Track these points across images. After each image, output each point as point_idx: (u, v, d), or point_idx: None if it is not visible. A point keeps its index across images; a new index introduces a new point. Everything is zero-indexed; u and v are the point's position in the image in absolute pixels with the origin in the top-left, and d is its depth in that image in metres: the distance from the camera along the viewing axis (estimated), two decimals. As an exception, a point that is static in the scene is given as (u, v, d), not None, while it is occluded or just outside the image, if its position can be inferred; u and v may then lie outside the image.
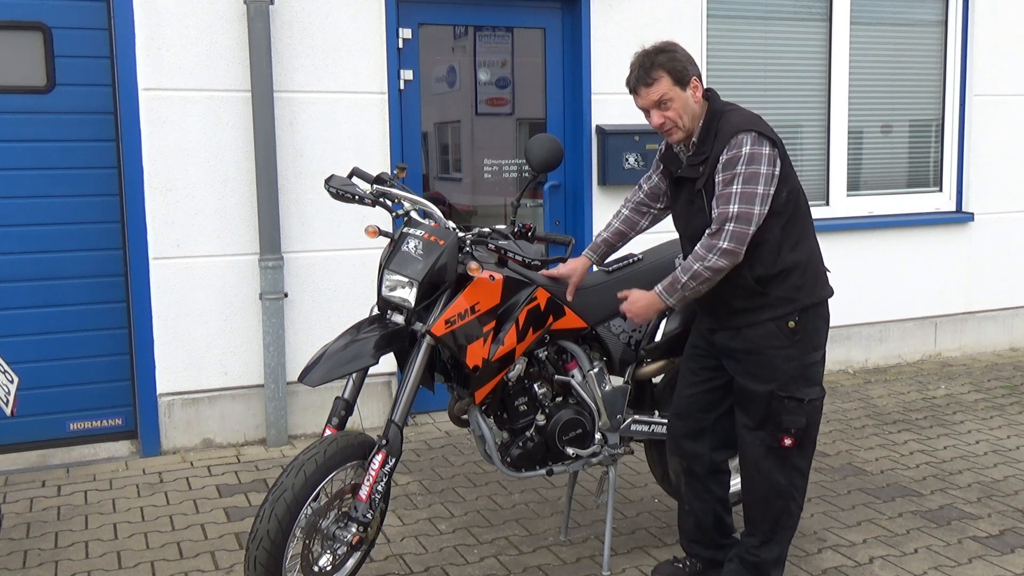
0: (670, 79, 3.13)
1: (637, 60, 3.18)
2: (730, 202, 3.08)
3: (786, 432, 3.23)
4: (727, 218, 3.08)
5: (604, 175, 5.89)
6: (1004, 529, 4.13)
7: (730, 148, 3.10)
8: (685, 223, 3.33)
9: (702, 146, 3.19)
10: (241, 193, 5.19)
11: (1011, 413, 5.82)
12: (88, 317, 5.16)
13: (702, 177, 3.16)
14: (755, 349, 3.23)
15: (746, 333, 3.24)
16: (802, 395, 3.23)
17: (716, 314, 3.31)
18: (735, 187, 3.08)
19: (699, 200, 3.20)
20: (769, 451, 3.28)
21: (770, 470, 3.30)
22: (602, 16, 5.87)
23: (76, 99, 5.03)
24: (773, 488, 3.31)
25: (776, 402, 3.22)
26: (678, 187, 3.34)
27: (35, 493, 4.65)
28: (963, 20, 7.01)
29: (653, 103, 3.16)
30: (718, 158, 3.11)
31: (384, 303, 3.36)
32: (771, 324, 3.20)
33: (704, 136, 3.19)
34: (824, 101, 6.70)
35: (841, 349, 6.79)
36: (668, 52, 3.17)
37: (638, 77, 3.16)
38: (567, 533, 4.08)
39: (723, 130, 3.15)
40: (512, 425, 3.60)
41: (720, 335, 3.33)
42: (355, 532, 3.15)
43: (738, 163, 3.08)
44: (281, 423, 5.29)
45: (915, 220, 7.01)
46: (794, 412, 3.22)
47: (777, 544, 3.37)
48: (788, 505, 3.34)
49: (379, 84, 5.42)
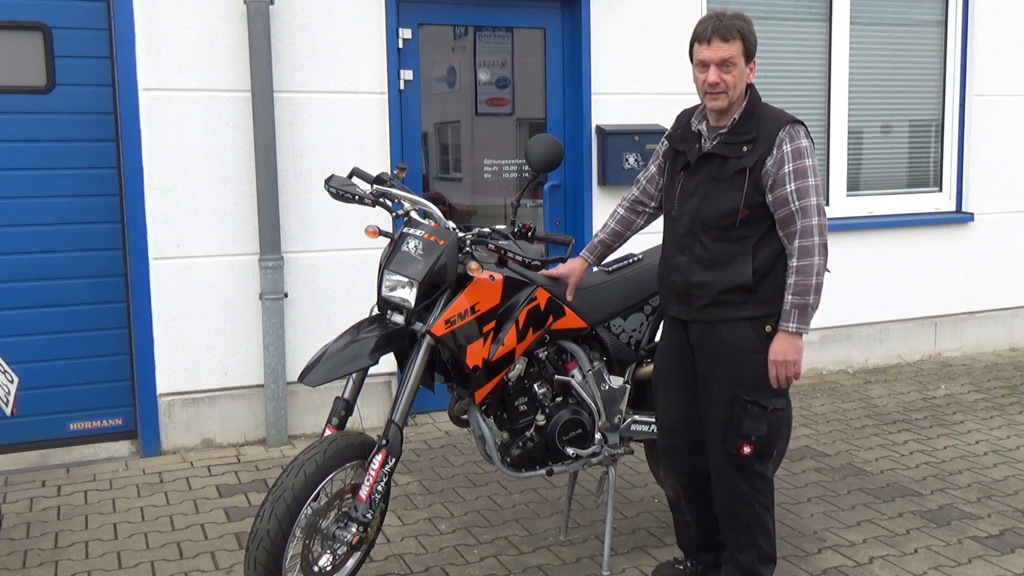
0: (742, 47, 3.10)
1: (716, 15, 3.11)
2: (809, 195, 3.07)
3: (746, 439, 3.18)
4: (812, 213, 3.07)
5: (604, 175, 5.89)
6: (1004, 529, 4.13)
7: (792, 138, 3.10)
8: (700, 202, 3.20)
9: (743, 126, 3.15)
10: (241, 193, 5.19)
11: (1011, 413, 5.82)
12: (88, 317, 5.16)
13: (749, 156, 3.11)
14: (726, 350, 3.19)
15: (720, 330, 3.20)
16: (767, 403, 3.19)
17: (693, 303, 3.23)
18: (810, 180, 3.08)
19: (737, 180, 3.12)
20: (730, 459, 3.24)
21: (732, 478, 3.26)
22: (602, 16, 5.87)
23: (76, 99, 5.03)
24: (737, 495, 3.28)
25: (739, 406, 3.18)
26: (696, 166, 3.24)
27: (35, 493, 4.65)
28: (963, 20, 7.01)
29: (720, 60, 3.08)
30: (772, 142, 3.09)
31: (384, 303, 3.36)
32: (747, 325, 3.17)
33: (747, 117, 3.16)
34: (824, 101, 6.70)
35: (841, 349, 6.79)
36: (748, 23, 3.14)
37: (716, 28, 3.08)
38: (567, 533, 4.08)
39: (771, 116, 3.15)
40: (512, 425, 3.60)
41: (694, 329, 3.27)
42: (355, 532, 3.15)
43: (805, 155, 3.09)
44: (281, 423, 5.29)
45: (915, 220, 7.01)
46: (756, 419, 3.17)
47: (753, 547, 3.33)
48: (754, 508, 3.29)
49: (379, 84, 5.42)
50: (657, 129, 5.95)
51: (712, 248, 3.18)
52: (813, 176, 3.09)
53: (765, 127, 3.12)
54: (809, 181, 3.08)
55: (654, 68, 6.05)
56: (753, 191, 3.11)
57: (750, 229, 3.15)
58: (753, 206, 3.12)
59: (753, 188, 3.11)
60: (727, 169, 3.15)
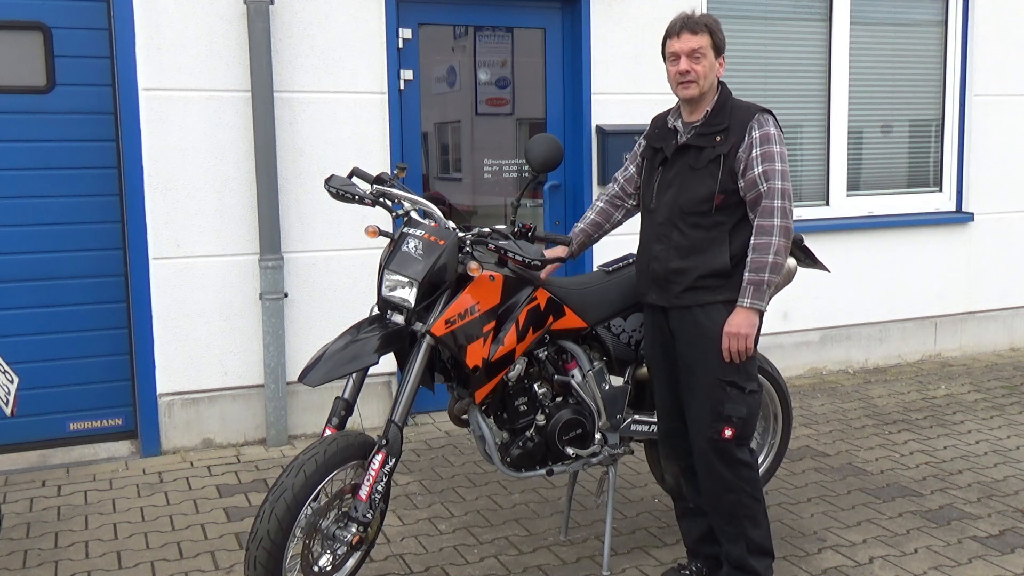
0: (710, 40, 3.29)
1: (684, 15, 3.33)
2: (774, 178, 3.20)
3: (727, 421, 3.28)
4: (776, 195, 3.19)
5: (604, 175, 5.89)
6: (1004, 529, 4.13)
7: (761, 125, 3.25)
8: (678, 191, 3.32)
9: (716, 117, 3.30)
10: (241, 193, 5.19)
11: (1011, 413, 5.82)
12: (88, 317, 5.17)
13: (723, 144, 3.24)
14: (703, 333, 3.28)
15: (697, 314, 3.29)
16: (743, 384, 3.29)
17: (671, 290, 3.33)
18: (777, 164, 3.21)
19: (712, 167, 3.25)
20: (712, 445, 3.32)
21: (715, 466, 3.34)
22: (602, 16, 5.88)
23: (76, 99, 5.03)
24: (721, 483, 3.35)
25: (719, 389, 3.27)
26: (673, 159, 3.37)
27: (35, 493, 4.65)
28: (963, 20, 7.01)
29: (689, 50, 3.26)
30: (744, 130, 3.23)
31: (384, 303, 3.36)
32: (723, 307, 3.26)
33: (719, 110, 3.31)
34: (824, 101, 6.70)
35: (841, 349, 6.79)
36: (716, 21, 3.38)
37: (685, 23, 3.29)
38: (567, 533, 4.08)
39: (741, 107, 3.31)
40: (512, 425, 3.60)
41: (673, 316, 3.36)
42: (355, 532, 3.15)
43: (773, 141, 3.23)
44: (281, 423, 5.29)
45: (915, 220, 7.01)
46: (736, 400, 3.28)
47: (741, 537, 3.37)
48: (740, 498, 3.35)
49: (379, 84, 5.43)
50: (657, 129, 5.95)
51: (689, 235, 3.29)
52: (780, 162, 3.23)
53: (737, 116, 3.29)
54: (776, 165, 3.21)
55: (654, 68, 6.04)
56: (727, 177, 3.24)
57: (725, 215, 3.27)
58: (727, 192, 3.25)
59: (728, 174, 3.24)
60: (702, 158, 3.29)
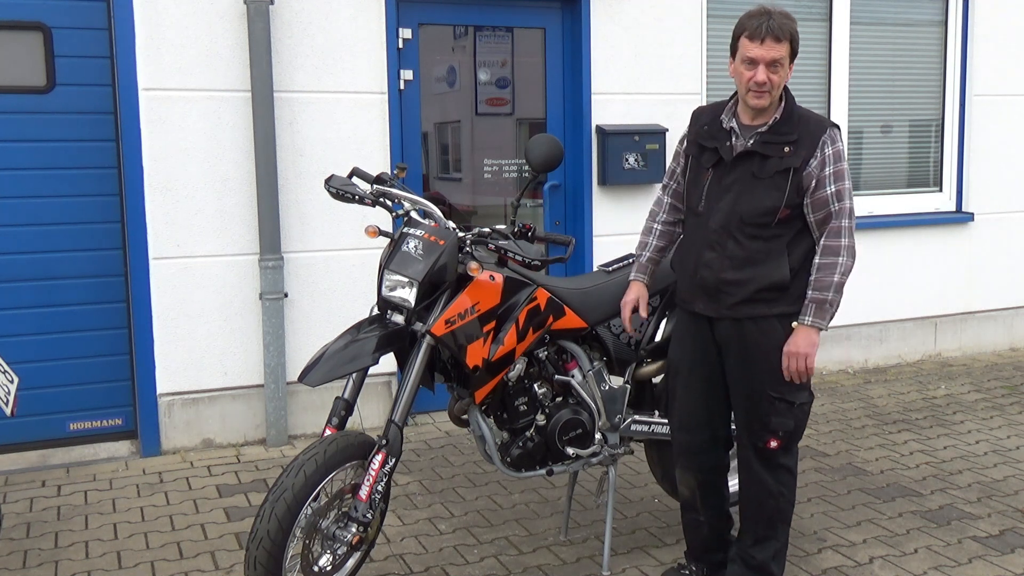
0: (790, 48, 3.11)
1: (766, 12, 3.08)
2: (845, 198, 3.14)
3: (773, 434, 3.24)
4: (845, 215, 3.14)
5: (604, 175, 5.89)
6: (1004, 529, 4.13)
7: (833, 141, 3.15)
8: (737, 198, 3.17)
9: (784, 126, 3.16)
10: (241, 193, 5.19)
11: (1011, 413, 5.82)
12: (88, 317, 5.16)
13: (793, 157, 3.12)
14: (756, 347, 3.21)
15: (749, 327, 3.21)
16: (792, 398, 3.23)
17: (723, 300, 3.22)
18: (846, 183, 3.15)
19: (779, 179, 3.13)
20: (756, 452, 3.29)
21: (759, 471, 3.31)
22: (602, 16, 5.87)
23: (76, 99, 5.03)
24: (764, 489, 3.32)
25: (767, 403, 3.22)
26: (732, 164, 3.21)
27: (35, 493, 4.65)
28: (963, 20, 7.01)
29: (771, 59, 3.07)
30: (816, 144, 3.12)
31: (384, 303, 3.36)
32: (776, 321, 3.20)
33: (787, 118, 3.17)
34: (824, 101, 6.70)
35: (841, 349, 6.79)
36: (795, 24, 3.14)
37: (770, 28, 3.05)
38: (567, 533, 4.08)
39: (811, 119, 3.19)
40: (512, 425, 3.60)
41: (721, 327, 3.27)
42: (355, 532, 3.15)
43: (843, 159, 3.15)
44: (281, 423, 5.29)
45: (915, 220, 7.01)
46: (783, 414, 3.22)
47: (774, 540, 3.38)
48: (779, 503, 3.35)
49: (379, 84, 5.42)
50: (657, 129, 5.95)
51: (747, 246, 3.18)
52: (848, 179, 3.17)
53: (807, 129, 3.15)
54: (846, 184, 3.15)
55: (654, 68, 6.05)
56: (794, 192, 3.13)
57: (785, 228, 3.18)
58: (793, 206, 3.15)
59: (795, 189, 3.13)
60: (768, 168, 3.15)
